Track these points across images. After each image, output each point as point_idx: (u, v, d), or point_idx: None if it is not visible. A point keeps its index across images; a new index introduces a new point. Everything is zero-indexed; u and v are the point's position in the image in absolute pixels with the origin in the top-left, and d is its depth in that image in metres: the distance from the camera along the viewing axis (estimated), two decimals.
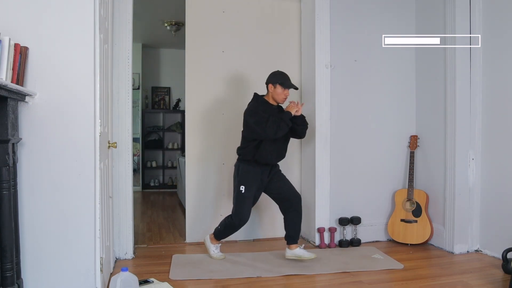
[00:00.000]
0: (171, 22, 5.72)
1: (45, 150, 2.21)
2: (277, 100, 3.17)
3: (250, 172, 3.14)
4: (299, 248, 3.20)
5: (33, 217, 2.20)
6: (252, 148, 3.11)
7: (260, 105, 3.14)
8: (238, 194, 3.15)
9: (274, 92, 3.14)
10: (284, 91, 3.14)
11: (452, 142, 3.50)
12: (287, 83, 3.14)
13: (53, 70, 2.21)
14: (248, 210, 3.16)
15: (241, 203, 3.14)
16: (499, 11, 3.34)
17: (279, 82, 3.12)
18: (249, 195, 3.14)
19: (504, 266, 2.95)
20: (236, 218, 3.15)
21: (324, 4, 3.72)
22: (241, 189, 3.13)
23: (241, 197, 3.14)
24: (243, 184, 3.13)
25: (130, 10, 3.33)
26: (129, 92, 3.35)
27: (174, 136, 7.49)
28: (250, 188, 3.14)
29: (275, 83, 3.12)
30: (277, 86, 3.12)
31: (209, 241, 3.33)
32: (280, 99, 3.16)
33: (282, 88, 3.12)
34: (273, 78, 3.15)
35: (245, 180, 3.14)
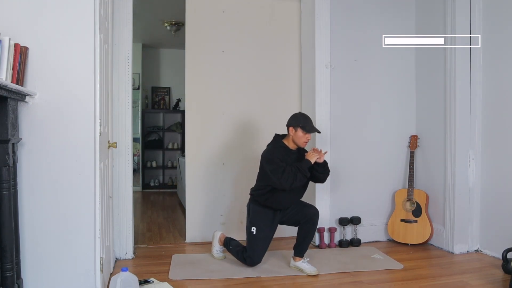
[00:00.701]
0: (171, 22, 5.72)
1: (45, 150, 2.21)
2: (298, 144, 3.00)
3: (261, 213, 3.05)
4: (302, 262, 3.07)
5: (33, 217, 2.20)
6: (266, 193, 3.00)
7: (278, 151, 2.98)
8: (250, 235, 3.05)
9: (294, 136, 2.96)
10: (305, 135, 2.95)
11: (452, 142, 3.50)
12: (309, 127, 2.96)
13: (53, 70, 2.21)
14: (261, 252, 3.05)
15: (253, 245, 3.04)
16: (499, 10, 3.34)
17: (300, 125, 2.94)
18: (260, 236, 3.03)
19: (504, 266, 2.95)
20: (249, 260, 3.04)
21: (324, 4, 3.71)
22: (252, 230, 3.04)
23: (253, 239, 3.04)
24: (254, 226, 3.04)
25: (130, 10, 3.33)
26: (129, 92, 3.35)
27: (174, 136, 7.49)
28: (262, 228, 3.04)
29: (296, 126, 2.95)
30: (298, 129, 2.95)
31: (218, 239, 3.29)
32: (300, 143, 2.98)
33: (303, 132, 2.94)
34: (294, 121, 2.99)
35: (256, 221, 3.05)
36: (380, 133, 3.91)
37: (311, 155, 2.95)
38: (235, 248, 3.15)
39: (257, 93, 3.96)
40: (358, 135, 3.86)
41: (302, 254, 3.07)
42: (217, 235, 3.32)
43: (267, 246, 3.10)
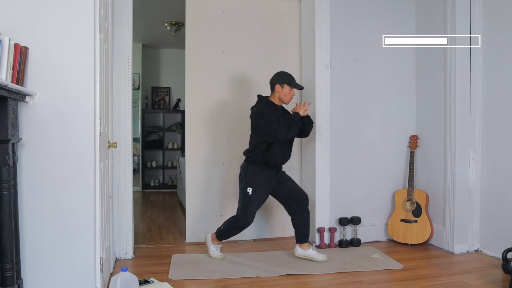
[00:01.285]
0: (171, 22, 5.72)
1: (45, 150, 2.21)
2: (284, 101, 3.17)
3: (258, 174, 3.12)
4: (312, 249, 3.21)
5: (33, 217, 2.20)
6: (262, 151, 3.10)
7: (266, 107, 3.13)
8: (245, 195, 3.12)
9: (281, 92, 3.13)
10: (291, 91, 3.15)
11: (452, 142, 3.50)
12: (294, 83, 3.15)
13: (53, 70, 2.21)
14: (254, 212, 3.14)
15: (247, 205, 3.12)
16: (499, 10, 3.34)
17: (286, 82, 3.12)
18: (255, 198, 3.12)
19: (504, 266, 2.95)
20: (241, 220, 3.13)
21: (324, 4, 3.71)
22: (248, 191, 3.10)
23: (248, 199, 3.11)
24: (251, 186, 3.11)
25: (130, 10, 3.33)
26: (129, 92, 3.35)
27: (174, 136, 7.49)
28: (257, 190, 3.12)
29: (283, 83, 3.12)
30: (285, 86, 3.12)
31: (210, 241, 3.33)
32: (286, 99, 3.16)
33: (289, 88, 3.13)
34: (279, 78, 3.15)
35: (253, 182, 3.12)
36: (380, 133, 3.91)
37: (299, 108, 3.13)
38: (226, 222, 3.24)
39: (257, 93, 3.95)
40: (358, 135, 3.86)
41: (307, 239, 3.21)
42: (209, 237, 3.35)
43: (258, 207, 3.19)
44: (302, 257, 3.24)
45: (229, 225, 3.22)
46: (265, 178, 3.15)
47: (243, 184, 3.16)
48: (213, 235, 3.33)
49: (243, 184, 3.16)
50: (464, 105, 3.47)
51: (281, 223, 3.91)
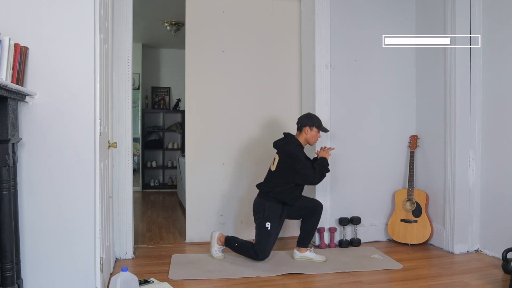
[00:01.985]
0: (171, 22, 5.72)
1: (45, 150, 2.21)
2: (310, 143, 3.27)
3: (275, 209, 3.18)
4: (309, 251, 3.27)
5: (33, 217, 2.20)
6: (286, 190, 3.17)
7: (299, 148, 3.19)
8: (264, 231, 3.15)
9: (309, 134, 3.22)
10: (318, 134, 3.25)
11: (452, 142, 3.50)
12: (322, 127, 3.26)
13: (53, 70, 2.21)
14: (272, 246, 3.20)
15: (266, 240, 3.15)
16: (499, 10, 3.34)
17: (316, 125, 3.22)
18: (274, 232, 3.17)
19: (504, 266, 2.95)
20: (261, 255, 3.14)
21: (324, 4, 3.71)
22: (267, 226, 3.14)
23: (268, 235, 3.15)
24: (270, 222, 3.15)
25: (130, 10, 3.33)
26: (129, 92, 3.35)
27: (174, 136, 7.49)
28: (275, 224, 3.17)
29: (312, 126, 3.21)
30: (314, 129, 3.22)
31: (216, 240, 3.31)
32: (313, 141, 3.27)
33: (317, 132, 3.24)
34: (310, 121, 3.23)
35: (271, 217, 3.16)
36: (380, 133, 3.91)
37: (325, 154, 3.27)
38: (243, 244, 3.23)
39: (257, 93, 3.96)
40: (358, 135, 3.86)
41: (307, 245, 3.27)
42: (215, 235, 3.32)
43: (276, 240, 3.24)
44: (301, 259, 3.26)
45: (245, 251, 3.21)
46: (280, 212, 3.20)
47: (261, 219, 3.18)
48: (221, 236, 3.31)
49: (260, 220, 3.19)
50: (464, 105, 3.47)
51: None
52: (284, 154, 3.18)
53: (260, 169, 3.69)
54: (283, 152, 3.19)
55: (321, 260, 3.23)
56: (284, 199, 3.18)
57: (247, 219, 3.84)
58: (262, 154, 3.85)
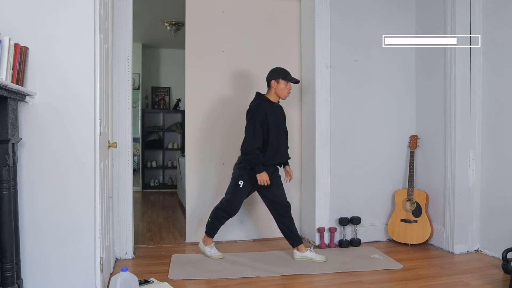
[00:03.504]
0: (171, 22, 5.72)
1: (45, 150, 2.21)
2: (281, 96, 3.20)
3: (250, 173, 3.16)
4: (309, 251, 3.26)
5: (33, 217, 2.20)
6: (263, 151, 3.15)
7: (263, 104, 3.15)
8: (236, 186, 3.21)
9: (277, 88, 3.17)
10: (287, 86, 3.18)
11: (452, 142, 3.50)
12: (290, 77, 3.18)
13: (53, 70, 2.21)
14: (240, 203, 3.26)
15: (235, 194, 3.22)
16: (499, 10, 3.34)
17: (281, 77, 3.15)
18: (245, 191, 3.22)
19: (504, 266, 2.95)
20: (229, 206, 3.22)
21: (324, 4, 3.71)
22: (240, 183, 3.19)
23: (238, 190, 3.21)
24: (243, 180, 3.19)
25: (130, 10, 3.33)
26: (129, 92, 3.35)
27: (174, 136, 7.49)
28: (247, 185, 3.20)
29: (278, 78, 3.16)
30: (280, 81, 3.16)
31: (203, 244, 3.35)
32: (283, 94, 3.20)
33: (285, 83, 3.16)
34: (274, 73, 3.18)
35: (245, 176, 3.18)
36: (380, 133, 3.91)
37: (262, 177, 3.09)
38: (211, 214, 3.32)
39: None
40: (358, 135, 3.86)
41: (300, 240, 3.27)
42: (201, 242, 3.38)
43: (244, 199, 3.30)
44: (301, 259, 3.26)
45: (215, 214, 3.29)
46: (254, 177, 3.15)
47: (236, 175, 3.24)
48: (204, 237, 3.35)
49: (236, 175, 3.25)
50: (464, 105, 3.47)
51: None
52: (247, 112, 3.20)
53: None
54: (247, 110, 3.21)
55: (321, 260, 3.22)
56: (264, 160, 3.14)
57: (247, 219, 3.84)
58: None
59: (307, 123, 3.90)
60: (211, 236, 3.33)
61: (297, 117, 4.02)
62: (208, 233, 3.32)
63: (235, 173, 3.27)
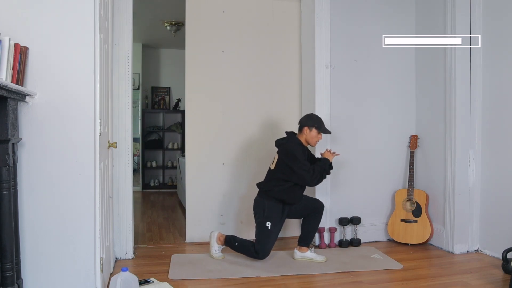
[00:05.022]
0: (171, 22, 5.72)
1: (45, 150, 2.21)
2: (310, 143, 3.23)
3: (276, 208, 3.17)
4: (310, 251, 3.27)
5: (33, 217, 2.20)
6: (284, 189, 3.15)
7: (298, 147, 3.15)
8: (265, 230, 3.14)
9: (308, 135, 3.18)
10: (318, 135, 3.19)
11: (452, 142, 3.50)
12: (323, 128, 3.20)
13: (53, 70, 2.21)
14: (272, 245, 3.19)
15: (267, 239, 3.15)
16: (499, 11, 3.34)
17: (315, 126, 3.17)
18: (275, 230, 3.17)
19: (504, 266, 2.95)
20: (261, 254, 3.14)
21: (324, 4, 3.71)
22: (267, 225, 3.14)
23: (268, 233, 3.14)
24: (270, 221, 3.14)
25: (130, 10, 3.33)
26: (129, 92, 3.35)
27: (174, 136, 7.49)
28: (276, 223, 3.17)
29: (312, 126, 3.17)
30: (313, 130, 3.17)
31: (216, 239, 3.31)
32: (313, 142, 3.22)
33: (317, 132, 3.18)
34: (309, 121, 3.20)
35: (271, 216, 3.15)
36: (380, 133, 3.91)
37: (329, 155, 3.23)
38: (243, 243, 3.22)
39: (257, 93, 3.96)
40: (358, 135, 3.86)
41: (308, 244, 3.27)
42: (215, 235, 3.33)
43: (276, 239, 3.23)
44: (301, 259, 3.26)
45: (246, 250, 3.21)
46: (280, 211, 3.19)
47: (261, 219, 3.17)
48: (221, 235, 3.31)
49: (260, 219, 3.18)
50: (464, 105, 3.47)
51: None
52: (282, 152, 3.17)
53: (260, 169, 3.69)
54: (282, 151, 3.19)
55: (321, 260, 3.23)
56: (283, 198, 3.17)
57: (247, 219, 3.84)
58: (262, 154, 3.85)
59: None
60: (226, 245, 3.30)
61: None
62: (227, 244, 3.28)
63: (259, 217, 3.19)
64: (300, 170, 3.06)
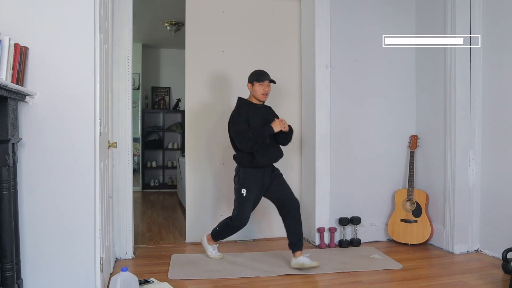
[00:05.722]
0: (171, 22, 5.72)
1: (45, 150, 2.21)
2: (258, 98, 3.12)
3: (251, 175, 3.10)
4: (303, 256, 3.05)
5: (33, 217, 2.20)
6: (247, 155, 3.08)
7: (243, 109, 3.10)
8: (239, 197, 3.11)
9: (253, 91, 3.11)
10: (262, 87, 3.08)
11: (452, 142, 3.50)
12: (262, 77, 3.09)
13: (53, 70, 2.21)
14: (249, 213, 3.13)
15: (242, 205, 3.11)
16: (499, 11, 3.34)
17: (255, 79, 3.09)
18: (250, 198, 3.10)
19: (504, 266, 2.95)
20: (236, 221, 3.11)
21: (324, 4, 3.72)
22: (243, 192, 3.09)
23: (242, 200, 3.10)
24: (245, 187, 3.09)
25: (130, 10, 3.33)
26: (129, 92, 3.35)
27: (174, 136, 7.49)
28: (251, 190, 3.10)
29: (252, 81, 3.11)
30: (255, 83, 3.10)
31: (206, 242, 3.33)
32: (259, 95, 3.10)
33: (258, 84, 3.08)
34: (249, 78, 3.14)
35: (246, 183, 3.10)
36: (380, 133, 3.91)
37: (276, 124, 3.01)
38: (221, 223, 3.23)
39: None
40: (358, 135, 3.86)
41: (299, 247, 3.08)
42: (204, 239, 3.34)
43: (253, 207, 3.18)
44: (296, 267, 3.03)
45: (224, 226, 3.20)
46: (259, 177, 3.11)
47: (237, 185, 3.15)
48: (209, 236, 3.32)
49: (237, 186, 3.15)
50: (464, 105, 3.47)
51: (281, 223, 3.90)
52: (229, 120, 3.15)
53: None
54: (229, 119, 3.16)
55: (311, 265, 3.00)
56: (251, 163, 3.06)
57: None
58: None
59: (307, 123, 3.90)
60: (215, 240, 3.30)
61: (297, 117, 4.01)
62: (214, 237, 3.27)
63: (236, 184, 3.17)
64: (234, 132, 3.02)
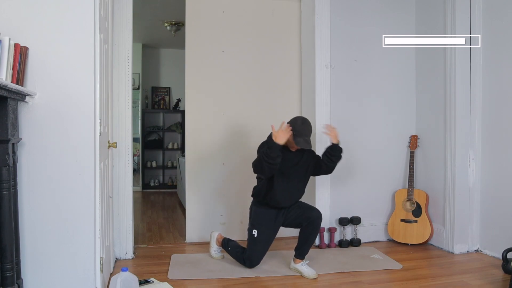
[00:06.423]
0: (171, 22, 5.72)
1: (45, 150, 2.21)
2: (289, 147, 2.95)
3: (263, 214, 3.01)
4: (302, 264, 3.00)
5: (33, 217, 2.20)
6: (263, 188, 2.97)
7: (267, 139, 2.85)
8: (251, 237, 3.01)
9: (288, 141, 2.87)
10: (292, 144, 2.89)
11: (452, 142, 3.50)
12: (298, 139, 2.82)
13: (53, 70, 2.21)
14: (261, 255, 3.03)
15: (253, 247, 3.01)
16: (499, 11, 3.34)
17: (294, 133, 2.83)
18: (261, 239, 2.99)
19: (504, 266, 2.95)
20: (248, 262, 3.02)
21: (324, 4, 3.71)
22: (253, 233, 3.00)
23: (254, 241, 3.00)
24: (255, 228, 2.99)
25: (130, 10, 3.33)
26: (129, 92, 3.35)
27: (174, 136, 7.50)
28: (263, 231, 2.99)
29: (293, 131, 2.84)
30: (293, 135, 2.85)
31: (215, 240, 3.30)
32: (291, 146, 2.94)
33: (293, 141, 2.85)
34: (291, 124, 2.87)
35: (257, 223, 3.01)
36: (380, 133, 3.91)
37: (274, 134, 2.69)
38: (234, 249, 3.15)
39: (257, 93, 3.96)
40: (358, 135, 3.86)
41: (302, 257, 3.02)
42: (215, 236, 3.32)
43: (267, 248, 3.06)
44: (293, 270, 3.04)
45: (237, 256, 3.11)
46: (272, 217, 3.01)
47: (249, 226, 3.07)
48: (220, 237, 3.29)
49: (249, 226, 3.07)
50: (464, 105, 3.47)
51: None
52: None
53: None
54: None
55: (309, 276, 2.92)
56: (265, 200, 2.96)
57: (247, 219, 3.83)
58: None
59: None
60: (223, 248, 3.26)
61: None
62: (223, 247, 3.21)
63: (249, 220, 3.07)
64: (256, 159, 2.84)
